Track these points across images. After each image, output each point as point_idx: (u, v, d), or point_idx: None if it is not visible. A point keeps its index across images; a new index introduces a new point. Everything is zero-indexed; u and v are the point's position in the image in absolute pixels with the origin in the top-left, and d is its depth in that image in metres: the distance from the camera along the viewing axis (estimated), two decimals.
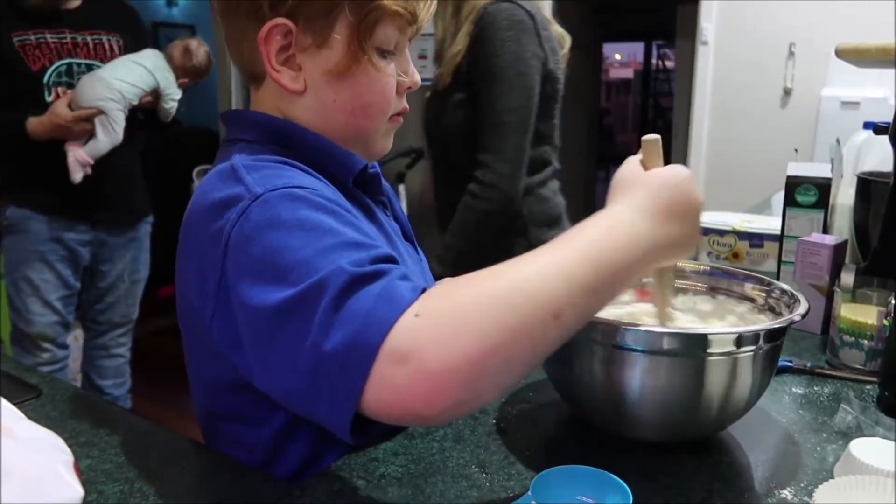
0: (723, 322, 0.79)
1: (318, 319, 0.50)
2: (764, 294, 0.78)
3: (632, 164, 0.63)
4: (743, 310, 0.80)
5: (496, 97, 1.32)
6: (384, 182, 0.83)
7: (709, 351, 0.64)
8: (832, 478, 0.62)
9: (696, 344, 0.64)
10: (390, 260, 0.55)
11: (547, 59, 1.37)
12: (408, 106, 0.75)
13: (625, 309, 0.80)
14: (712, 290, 0.83)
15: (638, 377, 0.65)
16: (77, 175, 1.81)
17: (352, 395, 0.49)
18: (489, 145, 1.34)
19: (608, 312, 0.80)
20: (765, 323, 0.74)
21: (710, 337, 0.64)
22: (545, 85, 1.38)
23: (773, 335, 0.66)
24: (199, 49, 2.00)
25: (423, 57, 3.36)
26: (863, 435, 0.69)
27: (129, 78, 1.85)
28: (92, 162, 1.83)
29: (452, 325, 0.48)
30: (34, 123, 1.78)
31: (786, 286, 0.77)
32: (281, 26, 0.64)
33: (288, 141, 0.68)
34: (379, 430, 0.71)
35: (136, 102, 1.88)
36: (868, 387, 0.85)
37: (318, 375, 0.50)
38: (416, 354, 0.48)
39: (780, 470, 0.66)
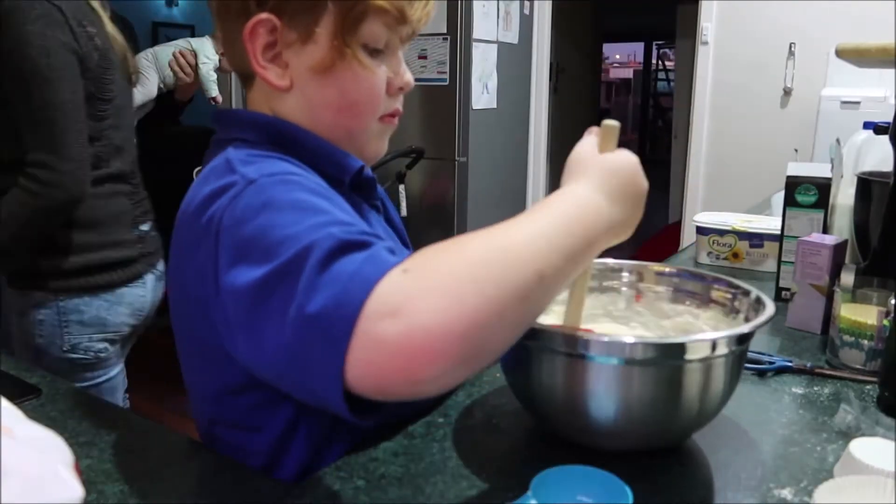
0: (679, 325, 0.79)
1: (302, 283, 0.48)
2: (733, 297, 0.77)
3: (586, 145, 0.64)
4: (699, 313, 0.79)
5: (32, 92, 1.23)
6: (378, 186, 0.83)
7: (686, 358, 0.62)
8: (832, 478, 0.62)
9: (667, 352, 0.62)
10: (377, 238, 0.54)
11: (85, 56, 1.29)
12: (401, 108, 0.74)
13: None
14: (677, 293, 0.81)
15: (604, 388, 0.63)
16: None
17: (336, 359, 0.46)
18: (42, 144, 1.24)
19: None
20: (732, 329, 0.70)
21: (686, 344, 0.63)
22: (87, 83, 1.30)
23: (742, 339, 0.65)
24: None
25: (422, 57, 3.37)
26: (863, 435, 0.69)
27: (164, 44, 2.10)
28: None
29: (444, 280, 0.46)
30: None
31: (751, 288, 0.75)
32: (265, 21, 0.64)
33: (285, 140, 0.68)
34: (388, 411, 0.70)
35: (170, 63, 2.06)
36: (868, 387, 0.85)
37: (303, 341, 0.48)
38: (408, 308, 0.45)
39: (780, 470, 0.66)
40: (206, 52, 2.16)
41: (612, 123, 0.64)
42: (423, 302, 0.45)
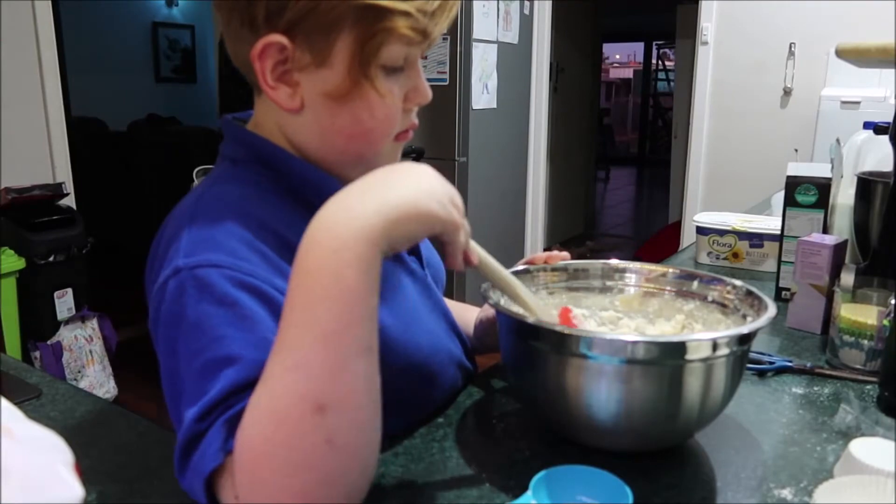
0: (674, 324, 0.79)
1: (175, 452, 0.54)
2: (734, 297, 0.76)
3: None
4: (707, 314, 0.78)
5: None
6: None
7: (687, 357, 0.62)
8: (832, 478, 0.62)
9: (668, 352, 0.62)
10: (242, 388, 0.53)
11: None
12: (416, 121, 0.70)
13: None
14: (677, 293, 0.81)
15: (605, 388, 0.62)
16: None
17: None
18: None
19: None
20: (733, 328, 0.71)
21: (687, 344, 0.62)
22: None
23: (744, 339, 0.64)
24: None
25: (422, 57, 3.37)
26: (863, 435, 0.69)
27: None
28: None
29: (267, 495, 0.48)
30: None
31: (752, 288, 0.75)
32: (275, 44, 0.60)
33: (273, 165, 0.67)
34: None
35: None
36: (868, 387, 0.85)
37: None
38: None
39: (780, 470, 0.66)
40: None
41: None
42: None
